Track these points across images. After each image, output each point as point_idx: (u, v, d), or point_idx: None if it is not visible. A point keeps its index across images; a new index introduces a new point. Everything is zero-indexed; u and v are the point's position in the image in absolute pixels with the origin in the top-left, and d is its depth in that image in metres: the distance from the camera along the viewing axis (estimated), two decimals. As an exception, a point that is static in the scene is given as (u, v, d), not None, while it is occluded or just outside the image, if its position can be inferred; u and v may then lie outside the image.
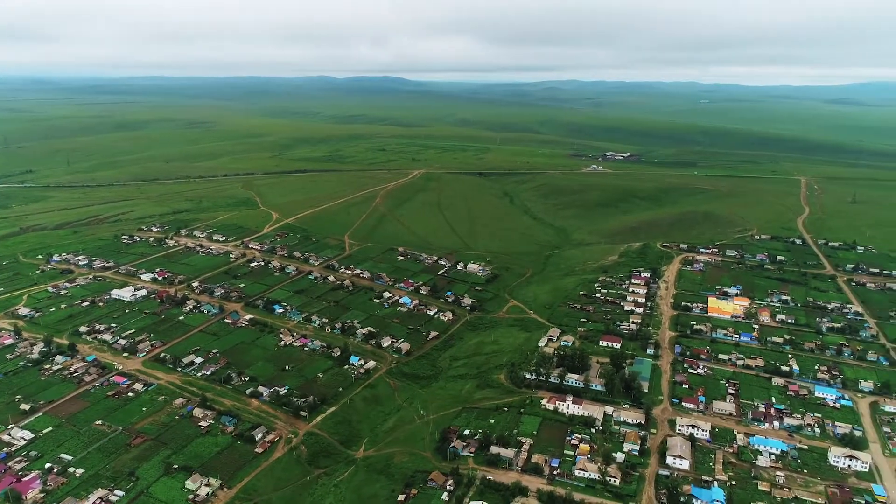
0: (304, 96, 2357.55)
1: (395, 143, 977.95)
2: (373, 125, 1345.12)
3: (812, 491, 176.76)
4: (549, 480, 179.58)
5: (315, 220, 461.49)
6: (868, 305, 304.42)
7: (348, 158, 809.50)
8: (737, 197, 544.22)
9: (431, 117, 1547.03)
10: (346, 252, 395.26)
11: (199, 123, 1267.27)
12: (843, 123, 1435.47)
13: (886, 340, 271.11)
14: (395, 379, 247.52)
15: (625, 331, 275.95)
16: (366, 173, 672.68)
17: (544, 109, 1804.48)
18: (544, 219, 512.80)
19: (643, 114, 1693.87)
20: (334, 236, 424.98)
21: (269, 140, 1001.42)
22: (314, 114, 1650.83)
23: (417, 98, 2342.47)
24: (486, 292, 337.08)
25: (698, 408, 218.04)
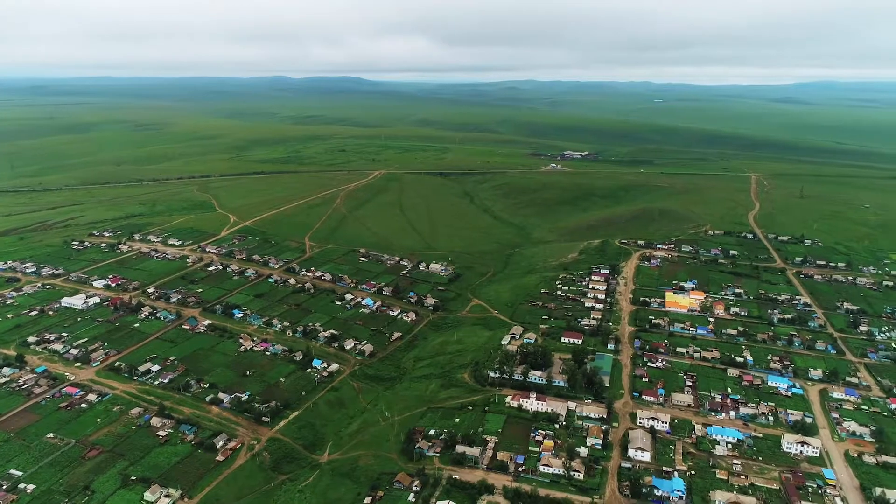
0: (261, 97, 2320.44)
1: (354, 143, 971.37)
2: (331, 126, 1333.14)
3: (767, 477, 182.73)
4: (514, 477, 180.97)
5: (274, 223, 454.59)
6: (816, 296, 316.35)
7: (307, 159, 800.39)
8: (691, 194, 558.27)
9: (391, 117, 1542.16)
10: (306, 254, 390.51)
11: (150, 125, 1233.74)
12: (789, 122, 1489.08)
13: (833, 330, 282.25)
14: (358, 381, 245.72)
15: (586, 327, 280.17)
16: (325, 174, 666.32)
17: (503, 109, 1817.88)
18: (505, 218, 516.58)
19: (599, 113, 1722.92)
20: (294, 238, 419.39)
21: (224, 141, 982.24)
22: (271, 114, 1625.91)
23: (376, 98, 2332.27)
24: (449, 292, 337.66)
25: (658, 400, 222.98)
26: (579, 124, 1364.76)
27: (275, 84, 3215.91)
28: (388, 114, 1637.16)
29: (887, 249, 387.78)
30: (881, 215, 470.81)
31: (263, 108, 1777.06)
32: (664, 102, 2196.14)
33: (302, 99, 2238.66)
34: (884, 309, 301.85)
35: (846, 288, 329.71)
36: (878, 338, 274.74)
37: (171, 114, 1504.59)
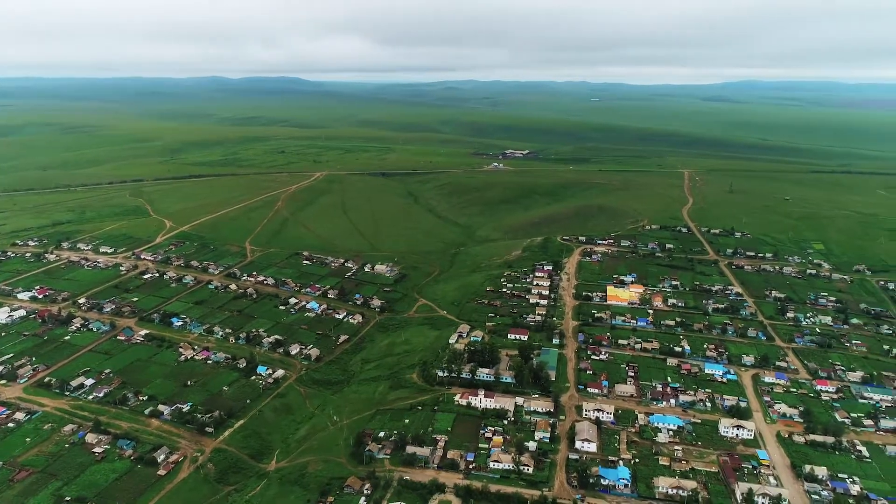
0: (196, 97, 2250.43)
1: (294, 145, 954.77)
2: (271, 127, 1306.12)
3: (706, 461, 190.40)
4: (465, 475, 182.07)
5: (213, 227, 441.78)
6: (746, 286, 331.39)
7: (246, 162, 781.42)
8: (628, 190, 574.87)
9: (332, 118, 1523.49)
10: (247, 259, 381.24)
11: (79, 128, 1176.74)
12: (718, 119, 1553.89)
13: (763, 317, 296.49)
14: (305, 386, 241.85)
15: (531, 323, 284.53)
16: (265, 176, 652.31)
17: (444, 109, 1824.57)
18: (449, 217, 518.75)
19: (539, 112, 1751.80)
20: (234, 243, 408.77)
21: (158, 144, 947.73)
22: (207, 116, 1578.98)
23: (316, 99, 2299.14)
24: (395, 293, 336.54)
25: (602, 392, 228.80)
26: (520, 124, 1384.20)
27: (211, 84, 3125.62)
28: (328, 114, 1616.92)
29: (810, 240, 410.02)
30: (805, 208, 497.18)
31: (200, 110, 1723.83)
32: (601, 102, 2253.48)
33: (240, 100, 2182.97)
34: (808, 296, 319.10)
35: (774, 277, 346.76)
36: (803, 323, 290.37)
37: (102, 116, 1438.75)
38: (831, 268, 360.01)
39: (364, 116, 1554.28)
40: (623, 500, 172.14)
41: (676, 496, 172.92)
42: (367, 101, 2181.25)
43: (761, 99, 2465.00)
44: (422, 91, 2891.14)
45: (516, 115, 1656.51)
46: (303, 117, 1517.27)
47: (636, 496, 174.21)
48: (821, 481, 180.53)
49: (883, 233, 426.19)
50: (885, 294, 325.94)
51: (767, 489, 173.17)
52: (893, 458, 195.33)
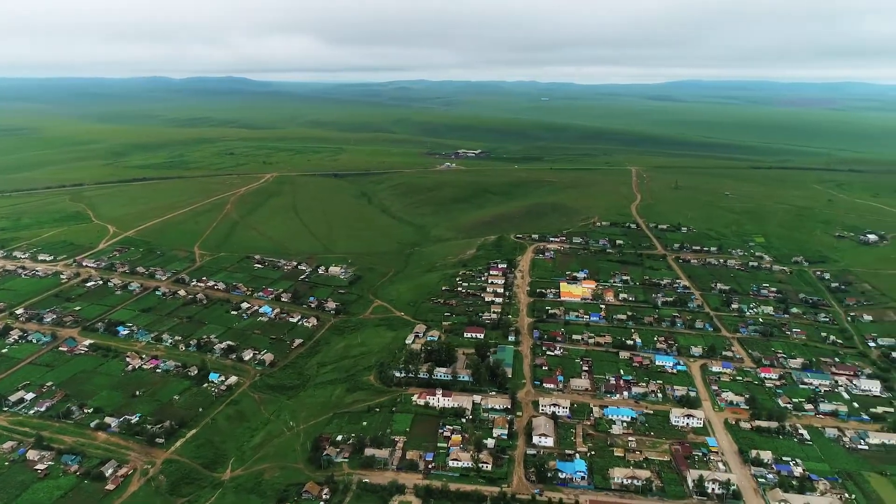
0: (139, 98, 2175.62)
1: (243, 146, 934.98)
2: (218, 128, 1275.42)
3: (659, 450, 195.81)
4: (424, 475, 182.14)
5: (159, 232, 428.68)
6: (693, 279, 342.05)
7: (193, 164, 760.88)
8: (579, 188, 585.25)
9: (281, 119, 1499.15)
10: (196, 264, 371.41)
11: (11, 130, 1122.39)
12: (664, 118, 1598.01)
13: (709, 309, 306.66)
14: (260, 392, 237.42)
15: (487, 321, 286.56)
16: (213, 179, 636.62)
17: (396, 109, 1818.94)
18: (403, 217, 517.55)
19: (490, 112, 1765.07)
20: (182, 248, 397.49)
21: (100, 147, 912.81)
22: (151, 117, 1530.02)
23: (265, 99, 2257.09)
24: (350, 294, 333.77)
25: (558, 387, 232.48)
26: (471, 123, 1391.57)
27: (155, 85, 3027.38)
28: (278, 115, 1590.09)
29: (752, 233, 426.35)
30: (747, 202, 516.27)
31: (143, 111, 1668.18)
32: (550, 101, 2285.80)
33: (185, 100, 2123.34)
34: (751, 287, 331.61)
35: (718, 270, 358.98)
36: (747, 314, 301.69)
37: (38, 117, 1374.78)
38: (772, 260, 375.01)
39: (314, 117, 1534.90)
40: (580, 493, 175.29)
41: (631, 486, 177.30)
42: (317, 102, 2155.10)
43: (703, 98, 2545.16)
44: (373, 91, 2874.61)
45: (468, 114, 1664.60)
46: (251, 118, 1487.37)
47: (592, 488, 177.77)
48: (766, 465, 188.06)
49: (818, 225, 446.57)
50: (821, 284, 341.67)
51: (717, 475, 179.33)
52: (832, 439, 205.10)
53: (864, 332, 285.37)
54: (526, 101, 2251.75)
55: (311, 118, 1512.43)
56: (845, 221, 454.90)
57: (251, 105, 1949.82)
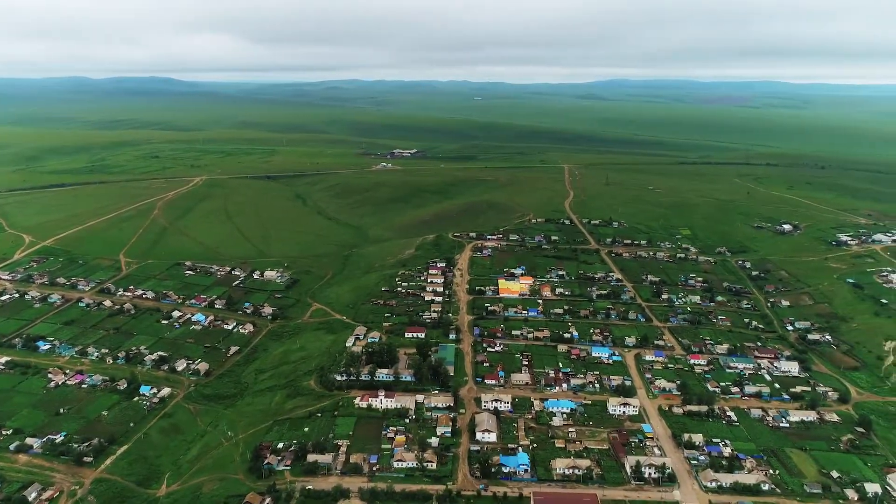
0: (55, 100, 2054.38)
1: (169, 148, 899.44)
2: (142, 130, 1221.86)
3: (598, 439, 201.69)
4: (369, 478, 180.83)
5: (80, 240, 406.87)
6: (625, 272, 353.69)
7: (115, 168, 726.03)
8: (514, 186, 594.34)
9: (209, 120, 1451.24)
10: (122, 272, 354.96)
11: None
12: (592, 116, 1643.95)
13: (641, 300, 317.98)
14: (195, 403, 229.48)
15: (427, 320, 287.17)
16: (138, 183, 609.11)
17: (329, 109, 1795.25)
18: (340, 218, 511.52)
19: (424, 112, 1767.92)
20: (106, 256, 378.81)
21: (11, 151, 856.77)
22: (69, 119, 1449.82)
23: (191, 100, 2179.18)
24: (288, 298, 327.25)
25: (499, 382, 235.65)
26: (406, 123, 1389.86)
27: (72, 86, 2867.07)
28: (205, 116, 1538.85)
29: (678, 226, 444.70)
30: (673, 197, 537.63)
31: (59, 113, 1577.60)
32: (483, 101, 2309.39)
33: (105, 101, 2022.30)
34: (679, 278, 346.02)
35: (649, 262, 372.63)
36: (676, 304, 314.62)
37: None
38: (697, 251, 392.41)
39: (244, 118, 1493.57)
40: (524, 485, 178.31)
41: (573, 475, 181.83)
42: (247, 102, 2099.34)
43: (629, 96, 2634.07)
44: (305, 91, 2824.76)
45: (402, 114, 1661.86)
46: (177, 120, 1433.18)
47: (536, 480, 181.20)
48: (698, 447, 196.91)
49: (739, 217, 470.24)
50: (743, 272, 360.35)
51: (653, 459, 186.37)
52: (756, 419, 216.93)
53: (782, 317, 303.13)
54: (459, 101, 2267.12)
55: (240, 119, 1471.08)
56: (763, 213, 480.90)
57: (177, 106, 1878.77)
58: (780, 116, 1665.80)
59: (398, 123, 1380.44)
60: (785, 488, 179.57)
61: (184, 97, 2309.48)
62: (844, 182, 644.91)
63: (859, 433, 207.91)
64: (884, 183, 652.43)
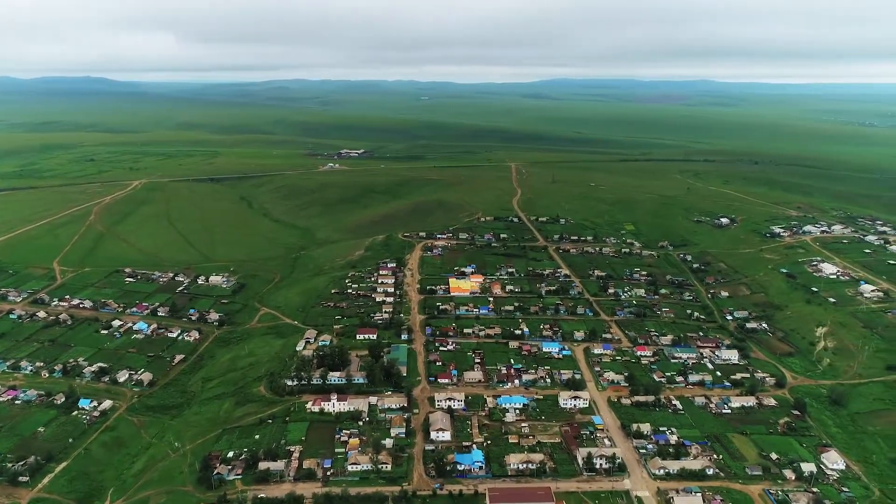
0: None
1: (105, 151, 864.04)
2: (76, 132, 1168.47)
3: (550, 433, 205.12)
4: (323, 483, 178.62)
5: (10, 249, 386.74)
6: (573, 268, 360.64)
7: (47, 172, 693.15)
8: (463, 184, 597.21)
9: (148, 121, 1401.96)
10: (57, 281, 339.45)
11: None
12: (538, 115, 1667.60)
13: (589, 295, 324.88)
14: (139, 415, 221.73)
15: (379, 321, 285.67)
16: (73, 188, 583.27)
17: (274, 109, 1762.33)
18: (287, 220, 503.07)
19: (372, 111, 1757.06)
20: (39, 265, 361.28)
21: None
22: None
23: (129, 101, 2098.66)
24: (235, 303, 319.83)
25: (452, 381, 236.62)
26: (353, 123, 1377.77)
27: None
28: (144, 118, 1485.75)
29: (622, 222, 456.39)
30: (617, 193, 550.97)
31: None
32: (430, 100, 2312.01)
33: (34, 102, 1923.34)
34: (624, 272, 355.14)
35: (595, 258, 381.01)
36: (622, 297, 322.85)
37: None
38: (641, 246, 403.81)
39: (185, 119, 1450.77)
40: (479, 482, 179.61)
41: (527, 470, 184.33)
42: (187, 103, 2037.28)
43: (573, 95, 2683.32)
44: (248, 91, 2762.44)
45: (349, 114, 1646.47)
46: (114, 121, 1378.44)
47: (490, 476, 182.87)
48: (646, 436, 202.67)
49: (680, 212, 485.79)
50: (684, 265, 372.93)
51: (603, 450, 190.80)
52: (700, 407, 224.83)
53: (722, 307, 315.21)
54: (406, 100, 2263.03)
55: (181, 120, 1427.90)
56: (702, 207, 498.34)
57: (113, 107, 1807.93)
58: (716, 114, 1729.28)
59: (345, 123, 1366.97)
60: (728, 472, 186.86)
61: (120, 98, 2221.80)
62: (776, 177, 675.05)
63: (795, 416, 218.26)
64: (812, 177, 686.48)
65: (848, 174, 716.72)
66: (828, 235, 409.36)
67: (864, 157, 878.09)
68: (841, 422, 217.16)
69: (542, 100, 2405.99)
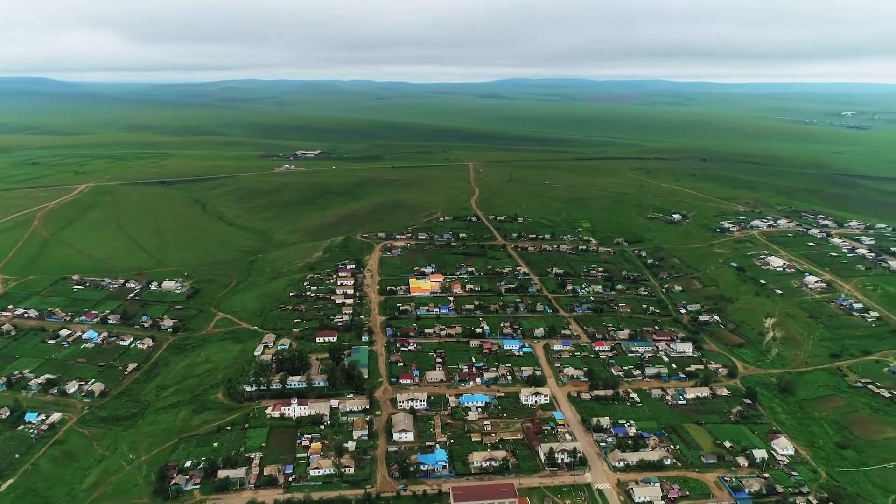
0: None
1: (48, 154, 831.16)
2: (14, 135, 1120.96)
3: (512, 430, 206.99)
4: (285, 489, 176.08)
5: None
6: (531, 266, 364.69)
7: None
8: (421, 184, 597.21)
9: (94, 123, 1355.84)
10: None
11: None
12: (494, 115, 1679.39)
13: (547, 292, 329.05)
14: (90, 427, 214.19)
15: (339, 323, 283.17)
16: (13, 193, 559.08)
17: (227, 110, 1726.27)
18: (242, 223, 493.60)
19: (328, 112, 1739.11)
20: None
21: None
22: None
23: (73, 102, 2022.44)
24: (189, 309, 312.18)
25: (414, 381, 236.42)
26: (309, 123, 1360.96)
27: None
28: (90, 119, 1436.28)
29: (579, 219, 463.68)
30: (572, 191, 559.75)
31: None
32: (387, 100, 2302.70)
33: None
34: (582, 269, 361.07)
35: (553, 255, 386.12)
36: (580, 294, 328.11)
37: None
38: (597, 242, 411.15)
39: (134, 120, 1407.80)
40: (442, 482, 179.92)
41: (490, 467, 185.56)
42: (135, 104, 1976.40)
43: (528, 95, 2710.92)
44: (200, 91, 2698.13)
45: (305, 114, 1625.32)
46: (57, 123, 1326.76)
47: (454, 475, 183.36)
48: (605, 430, 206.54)
49: (634, 209, 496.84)
50: (639, 261, 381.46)
51: (564, 445, 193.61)
52: (657, 399, 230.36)
53: (676, 301, 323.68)
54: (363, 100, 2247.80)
55: (129, 122, 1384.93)
56: (655, 204, 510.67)
57: (55, 108, 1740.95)
58: (666, 113, 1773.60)
59: (301, 124, 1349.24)
60: (685, 461, 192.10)
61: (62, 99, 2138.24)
62: (724, 173, 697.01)
63: (746, 404, 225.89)
64: (758, 173, 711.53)
65: (791, 170, 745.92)
66: (774, 229, 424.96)
67: (806, 154, 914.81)
68: (789, 409, 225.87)
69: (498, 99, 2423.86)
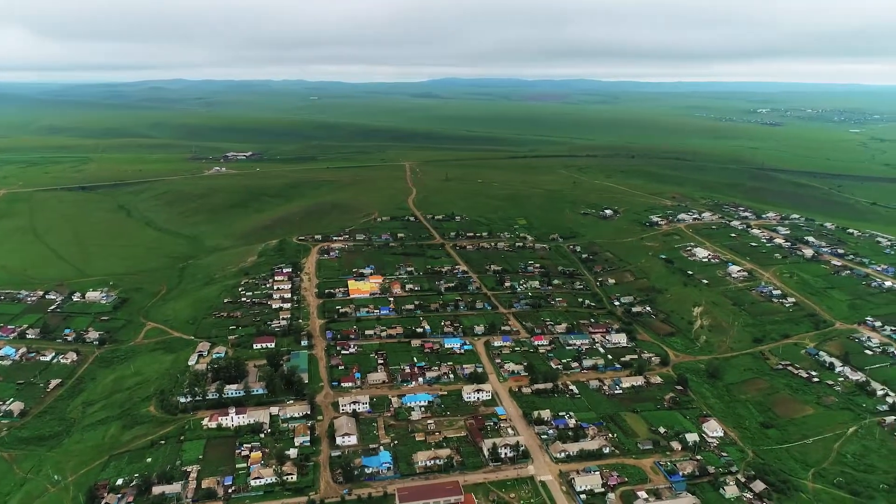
0: None
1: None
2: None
3: (455, 428, 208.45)
4: (224, 501, 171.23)
5: None
6: (470, 264, 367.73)
7: None
8: (357, 185, 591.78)
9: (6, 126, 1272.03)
10: None
11: None
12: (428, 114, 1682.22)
13: (486, 289, 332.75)
14: (10, 449, 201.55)
15: (277, 329, 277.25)
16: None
17: (151, 111, 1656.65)
18: (171, 229, 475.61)
19: (259, 112, 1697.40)
20: None
21: None
22: None
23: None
24: (116, 320, 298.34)
25: (356, 384, 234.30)
26: (240, 124, 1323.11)
27: None
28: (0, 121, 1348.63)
29: (515, 217, 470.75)
30: (508, 189, 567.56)
31: None
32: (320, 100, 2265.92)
33: None
34: (519, 266, 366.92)
35: (491, 253, 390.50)
36: (518, 290, 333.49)
37: None
38: (534, 239, 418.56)
39: (49, 122, 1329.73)
40: (387, 483, 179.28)
41: (434, 466, 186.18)
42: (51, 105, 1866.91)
43: (461, 94, 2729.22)
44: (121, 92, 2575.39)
45: (235, 115, 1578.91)
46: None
47: (399, 476, 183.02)
48: (546, 422, 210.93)
49: (567, 205, 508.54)
50: (574, 256, 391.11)
51: (507, 440, 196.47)
52: (594, 390, 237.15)
53: (610, 294, 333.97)
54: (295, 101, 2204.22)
55: (44, 124, 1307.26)
56: (588, 200, 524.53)
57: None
58: (595, 111, 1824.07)
59: (231, 125, 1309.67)
60: (623, 449, 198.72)
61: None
62: (651, 169, 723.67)
63: (678, 391, 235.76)
64: (683, 169, 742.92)
65: (713, 165, 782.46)
66: (699, 222, 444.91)
67: (726, 150, 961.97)
68: (718, 393, 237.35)
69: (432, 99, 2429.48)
